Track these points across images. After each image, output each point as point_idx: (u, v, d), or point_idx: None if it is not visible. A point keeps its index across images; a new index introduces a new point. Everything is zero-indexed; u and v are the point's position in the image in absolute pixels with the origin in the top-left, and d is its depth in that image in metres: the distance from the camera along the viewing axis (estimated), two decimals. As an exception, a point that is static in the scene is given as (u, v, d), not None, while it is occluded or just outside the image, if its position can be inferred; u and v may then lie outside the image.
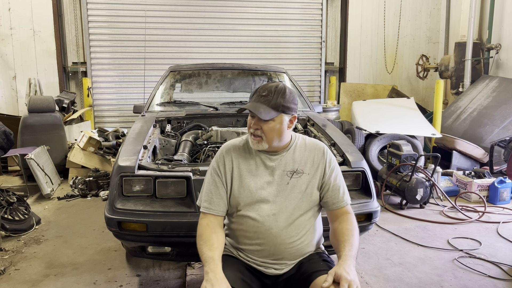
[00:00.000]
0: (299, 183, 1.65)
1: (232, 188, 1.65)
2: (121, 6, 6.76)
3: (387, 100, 6.35)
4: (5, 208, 3.41)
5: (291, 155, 1.67)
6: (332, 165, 1.71)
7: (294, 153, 1.68)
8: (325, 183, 1.68)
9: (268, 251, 1.64)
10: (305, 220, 1.66)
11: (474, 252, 3.06)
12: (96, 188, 4.55)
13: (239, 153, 1.68)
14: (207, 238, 1.56)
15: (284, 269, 1.66)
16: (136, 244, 2.35)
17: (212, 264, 1.47)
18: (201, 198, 1.68)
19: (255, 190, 1.63)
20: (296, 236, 1.64)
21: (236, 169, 1.66)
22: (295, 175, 1.65)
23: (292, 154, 1.67)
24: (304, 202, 1.65)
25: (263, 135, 1.58)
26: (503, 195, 4.24)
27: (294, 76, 4.87)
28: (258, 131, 1.59)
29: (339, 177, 1.72)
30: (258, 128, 1.58)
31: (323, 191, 1.68)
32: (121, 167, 2.33)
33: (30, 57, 6.61)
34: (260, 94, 1.59)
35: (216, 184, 1.65)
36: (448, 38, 7.47)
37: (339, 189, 1.68)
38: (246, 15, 7.16)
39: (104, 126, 6.12)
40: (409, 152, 4.24)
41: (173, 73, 4.26)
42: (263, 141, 1.60)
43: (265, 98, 1.57)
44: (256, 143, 1.60)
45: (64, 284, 2.61)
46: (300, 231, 1.65)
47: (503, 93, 5.63)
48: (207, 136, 3.16)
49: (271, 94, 1.57)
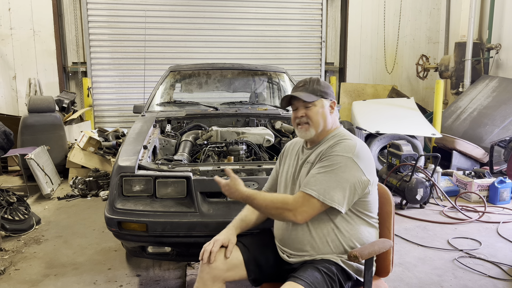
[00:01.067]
0: (304, 172, 1.67)
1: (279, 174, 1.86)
2: (121, 6, 6.76)
3: (387, 100, 6.35)
4: (5, 208, 3.41)
5: (318, 149, 1.68)
6: (326, 153, 1.58)
7: (320, 147, 1.68)
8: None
9: (280, 234, 1.72)
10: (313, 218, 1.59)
11: (474, 252, 3.07)
12: (96, 188, 4.55)
13: (294, 148, 1.84)
14: (246, 210, 1.83)
15: (291, 258, 1.67)
16: (136, 244, 2.35)
17: (232, 223, 1.78)
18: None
19: (286, 177, 1.78)
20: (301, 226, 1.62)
21: (285, 159, 1.86)
22: (306, 164, 1.68)
23: (319, 148, 1.68)
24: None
25: (309, 120, 1.67)
26: (503, 195, 4.24)
27: (294, 76, 4.87)
28: (304, 118, 1.67)
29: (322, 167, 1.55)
30: (303, 115, 1.67)
31: None
32: (121, 167, 2.33)
33: (30, 57, 6.61)
34: (297, 86, 1.73)
35: (275, 169, 1.92)
36: (448, 38, 7.47)
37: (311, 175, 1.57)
38: (246, 15, 7.16)
39: (104, 126, 6.12)
40: (409, 152, 4.24)
41: (173, 73, 4.26)
42: (310, 127, 1.67)
43: (302, 87, 1.70)
44: (304, 130, 1.68)
45: (64, 284, 2.61)
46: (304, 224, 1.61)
47: (503, 93, 5.63)
48: (207, 136, 3.16)
49: (307, 84, 1.71)
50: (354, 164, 1.54)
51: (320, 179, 1.54)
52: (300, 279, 1.48)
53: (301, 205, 1.53)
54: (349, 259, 1.51)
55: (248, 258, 1.68)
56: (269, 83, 4.54)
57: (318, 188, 1.52)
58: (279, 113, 3.62)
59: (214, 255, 1.62)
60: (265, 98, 4.39)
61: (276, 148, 3.23)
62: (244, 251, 1.69)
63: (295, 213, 1.54)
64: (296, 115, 1.70)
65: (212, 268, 1.62)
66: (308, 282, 1.46)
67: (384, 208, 1.73)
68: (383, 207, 1.73)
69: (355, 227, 1.62)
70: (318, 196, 1.52)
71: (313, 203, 1.53)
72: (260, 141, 3.08)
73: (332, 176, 1.53)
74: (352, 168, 1.54)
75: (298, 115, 1.68)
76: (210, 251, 1.63)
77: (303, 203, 1.53)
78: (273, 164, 2.55)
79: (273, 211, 1.58)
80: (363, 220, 1.64)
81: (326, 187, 1.52)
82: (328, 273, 1.53)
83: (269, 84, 4.54)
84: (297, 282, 1.47)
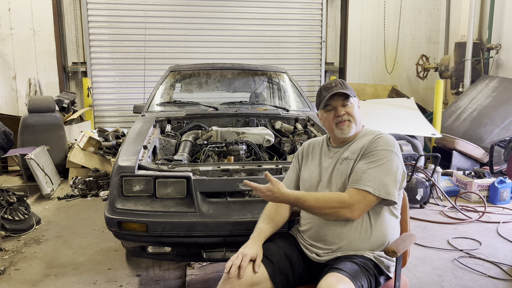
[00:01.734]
0: (345, 168, 1.69)
1: (301, 173, 1.86)
2: (121, 6, 6.76)
3: (387, 100, 6.34)
4: (5, 208, 3.41)
5: (350, 146, 1.75)
6: (370, 148, 1.65)
7: (354, 143, 1.75)
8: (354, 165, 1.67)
9: (314, 231, 1.72)
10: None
11: (474, 252, 3.07)
12: (96, 188, 4.55)
13: (315, 148, 1.87)
14: (267, 212, 1.78)
15: (323, 257, 1.66)
16: (136, 244, 2.35)
17: (256, 232, 1.70)
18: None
19: (314, 176, 1.78)
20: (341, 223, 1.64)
21: (305, 160, 1.86)
22: (344, 161, 1.71)
23: (351, 145, 1.75)
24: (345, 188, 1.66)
25: (351, 117, 1.73)
26: (503, 195, 4.24)
27: (294, 76, 4.87)
28: (345, 116, 1.72)
29: (371, 162, 1.62)
30: (345, 113, 1.72)
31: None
32: (121, 167, 2.33)
33: (30, 57, 6.61)
34: (330, 87, 1.75)
35: (293, 170, 1.91)
36: (448, 38, 7.47)
37: (357, 171, 1.63)
38: (246, 15, 7.15)
39: (104, 126, 6.12)
40: (409, 152, 4.24)
41: (173, 73, 4.26)
42: (351, 123, 1.73)
43: (336, 87, 1.73)
44: (347, 127, 1.72)
45: (64, 284, 2.61)
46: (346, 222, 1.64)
47: (503, 93, 5.63)
48: (207, 136, 3.16)
49: (339, 84, 1.75)
50: (396, 157, 1.64)
51: (373, 174, 1.60)
52: (342, 270, 1.50)
53: (358, 202, 1.58)
54: (388, 254, 1.56)
55: (273, 270, 1.64)
56: (269, 83, 4.54)
57: (373, 184, 1.58)
58: (279, 113, 3.62)
59: (243, 270, 1.56)
60: (265, 98, 4.39)
61: (276, 148, 3.23)
62: (268, 264, 1.65)
63: (352, 210, 1.58)
64: (336, 114, 1.73)
65: (236, 283, 1.56)
66: (351, 273, 1.49)
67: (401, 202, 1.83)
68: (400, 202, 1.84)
69: (385, 221, 1.68)
70: (374, 191, 1.58)
71: (369, 199, 1.59)
72: (260, 141, 3.08)
73: (383, 170, 1.60)
74: (397, 161, 1.64)
75: (340, 114, 1.72)
76: (239, 266, 1.57)
77: (360, 200, 1.58)
78: (273, 164, 2.55)
79: (327, 211, 1.60)
80: (392, 215, 1.71)
81: (380, 182, 1.59)
82: (365, 267, 1.57)
83: (269, 84, 4.54)
84: (340, 273, 1.48)
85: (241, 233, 2.21)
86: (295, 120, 3.55)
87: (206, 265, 2.79)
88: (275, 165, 2.51)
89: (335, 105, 1.73)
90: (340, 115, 1.72)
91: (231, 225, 2.20)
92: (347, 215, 1.58)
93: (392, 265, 1.69)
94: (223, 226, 2.20)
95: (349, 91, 1.73)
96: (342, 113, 1.72)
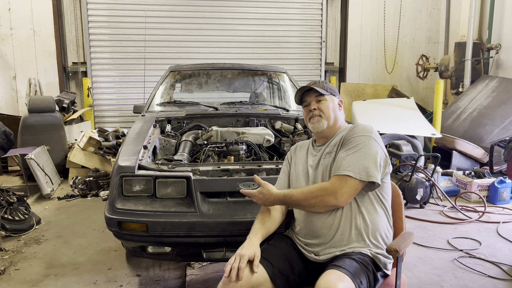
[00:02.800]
0: (327, 161, 1.73)
1: (290, 174, 1.90)
2: (121, 6, 6.76)
3: (387, 100, 6.34)
4: (5, 208, 3.41)
5: (331, 142, 1.79)
6: (348, 137, 1.69)
7: (333, 140, 1.79)
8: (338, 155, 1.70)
9: (307, 229, 1.74)
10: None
11: (474, 252, 3.07)
12: (96, 188, 4.55)
13: (301, 149, 1.92)
14: (262, 215, 1.78)
15: (321, 256, 1.67)
16: (136, 244, 2.35)
17: (253, 233, 1.69)
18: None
19: (301, 175, 1.82)
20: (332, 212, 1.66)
21: (294, 160, 1.91)
22: (327, 155, 1.75)
23: (332, 141, 1.79)
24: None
25: (321, 113, 1.78)
26: (503, 195, 4.24)
27: (294, 76, 4.87)
28: (316, 111, 1.78)
29: (350, 149, 1.65)
30: (316, 108, 1.79)
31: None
32: (121, 167, 2.33)
33: (30, 57, 6.61)
34: (309, 84, 1.83)
35: (284, 171, 1.94)
36: (448, 38, 7.47)
37: (337, 161, 1.66)
38: (246, 15, 7.16)
39: (104, 126, 6.12)
40: (409, 152, 4.24)
41: (173, 73, 4.26)
42: (322, 119, 1.78)
43: (314, 84, 1.82)
44: (317, 121, 1.78)
45: (64, 284, 2.61)
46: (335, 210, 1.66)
47: (503, 93, 5.63)
48: (207, 136, 3.16)
49: (318, 82, 1.84)
50: (375, 142, 1.67)
51: (352, 159, 1.62)
52: (341, 267, 1.50)
53: (340, 187, 1.59)
54: (390, 253, 1.57)
55: (273, 272, 1.63)
56: (269, 83, 4.54)
57: (353, 168, 1.60)
58: (279, 113, 3.62)
59: (242, 272, 1.54)
60: (265, 98, 4.39)
61: (276, 148, 3.23)
62: (267, 266, 1.64)
63: (336, 196, 1.59)
64: (308, 108, 1.81)
65: (237, 286, 1.54)
66: (350, 270, 1.50)
67: (395, 200, 1.87)
68: (395, 200, 1.86)
69: (375, 209, 1.70)
70: (355, 175, 1.59)
71: (351, 183, 1.60)
72: (260, 141, 3.08)
73: (361, 155, 1.63)
74: (375, 145, 1.66)
75: (310, 108, 1.80)
76: (238, 268, 1.54)
77: (341, 185, 1.59)
78: (273, 164, 2.55)
79: (313, 201, 1.62)
80: (381, 204, 1.72)
81: (359, 165, 1.61)
82: (364, 263, 1.59)
83: (269, 84, 4.55)
84: (339, 270, 1.48)
85: (241, 233, 2.20)
86: (295, 120, 3.55)
87: (206, 265, 2.79)
88: (275, 165, 2.51)
89: (310, 101, 1.81)
90: (311, 109, 1.79)
91: (231, 225, 2.20)
92: (332, 202, 1.60)
93: (388, 262, 1.69)
94: (223, 226, 2.20)
95: (325, 90, 1.79)
96: (313, 108, 1.79)
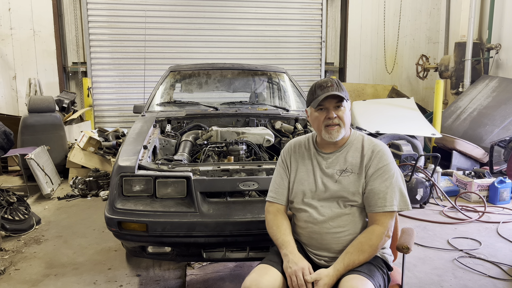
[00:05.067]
0: (345, 181, 1.67)
1: (290, 180, 1.78)
2: (121, 6, 6.76)
3: (387, 100, 6.34)
4: (5, 208, 3.41)
5: (344, 155, 1.71)
6: (379, 165, 1.64)
7: (348, 153, 1.71)
8: (367, 184, 1.65)
9: (316, 240, 1.70)
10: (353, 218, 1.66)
11: (474, 252, 3.07)
12: (96, 188, 4.55)
13: (301, 150, 1.80)
14: (279, 224, 1.72)
15: (332, 261, 1.66)
16: (136, 244, 2.35)
17: (290, 247, 1.63)
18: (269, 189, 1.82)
19: (307, 184, 1.72)
20: (343, 228, 1.66)
21: (295, 164, 1.78)
22: (344, 173, 1.68)
23: (345, 154, 1.71)
24: (349, 201, 1.66)
25: (341, 121, 1.66)
26: (503, 195, 4.24)
27: (294, 76, 4.86)
28: (336, 119, 1.66)
29: (387, 179, 1.62)
30: (336, 117, 1.66)
31: (365, 193, 1.66)
32: (121, 167, 2.33)
33: (30, 57, 6.61)
34: (326, 86, 1.66)
35: (281, 175, 1.80)
36: (448, 38, 7.47)
37: (378, 193, 1.61)
38: (246, 15, 7.15)
39: (104, 126, 6.12)
40: (409, 152, 4.24)
41: (173, 73, 4.26)
42: (341, 128, 1.67)
43: (331, 87, 1.65)
44: (336, 132, 1.66)
45: (64, 284, 2.61)
46: (346, 225, 1.66)
47: (503, 93, 5.63)
48: (207, 136, 3.16)
49: (335, 85, 1.66)
50: (395, 164, 1.69)
51: (392, 192, 1.62)
52: (361, 271, 1.53)
53: (390, 224, 1.62)
54: (400, 251, 1.63)
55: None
56: (269, 83, 4.54)
57: (396, 202, 1.62)
58: (279, 113, 3.62)
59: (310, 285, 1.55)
60: (265, 98, 4.39)
61: (276, 148, 3.23)
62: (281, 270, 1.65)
63: (389, 233, 1.62)
64: (327, 115, 1.66)
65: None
66: (369, 274, 1.54)
67: None
68: None
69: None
70: (400, 208, 1.63)
71: (395, 214, 1.65)
72: (260, 141, 3.08)
73: (396, 184, 1.64)
74: (397, 168, 1.68)
75: (331, 116, 1.65)
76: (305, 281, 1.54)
77: (390, 221, 1.62)
78: (273, 164, 2.55)
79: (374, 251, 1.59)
80: None
81: (399, 196, 1.63)
82: (378, 265, 1.63)
83: (269, 84, 4.54)
84: (360, 274, 1.51)
85: (241, 233, 2.21)
86: (295, 120, 3.55)
87: (206, 265, 2.79)
88: (275, 165, 2.51)
89: (328, 106, 1.66)
90: (332, 117, 1.65)
91: (231, 225, 2.20)
92: (387, 240, 1.64)
93: (390, 260, 1.73)
94: (223, 226, 2.20)
95: (344, 93, 1.67)
96: (334, 116, 1.65)
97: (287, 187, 1.79)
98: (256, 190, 2.37)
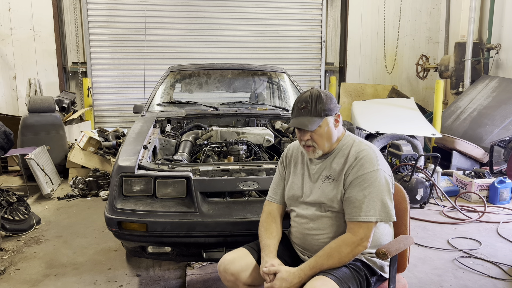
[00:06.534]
0: (326, 188, 1.67)
1: (285, 182, 1.84)
2: (121, 6, 6.76)
3: (387, 100, 6.35)
4: (5, 208, 3.41)
5: (330, 161, 1.70)
6: (358, 173, 1.59)
7: (334, 159, 1.69)
8: (345, 191, 1.63)
9: (300, 239, 1.76)
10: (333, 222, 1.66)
11: (474, 252, 3.07)
12: (96, 188, 4.55)
13: (297, 154, 1.84)
14: (267, 227, 1.78)
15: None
16: (136, 244, 2.35)
17: (267, 250, 1.68)
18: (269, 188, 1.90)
19: (296, 188, 1.77)
20: (323, 230, 1.67)
21: (290, 167, 1.83)
22: (327, 180, 1.68)
23: (332, 160, 1.70)
24: (328, 207, 1.66)
25: (314, 143, 1.66)
26: (503, 195, 4.24)
27: (294, 76, 4.87)
28: (309, 142, 1.67)
29: (365, 188, 1.58)
30: (309, 139, 1.66)
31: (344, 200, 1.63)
32: (121, 167, 2.33)
33: (30, 57, 6.61)
34: (299, 108, 1.66)
35: (280, 176, 1.87)
36: (448, 38, 7.47)
37: (354, 202, 1.58)
38: (246, 15, 7.15)
39: (104, 126, 6.12)
40: (409, 152, 4.24)
41: (173, 73, 4.26)
42: (316, 149, 1.68)
43: (304, 110, 1.64)
44: (311, 152, 1.69)
45: (64, 284, 2.61)
46: (326, 228, 1.67)
47: (503, 93, 5.63)
48: (207, 136, 3.16)
49: (309, 104, 1.63)
50: (382, 172, 1.61)
51: (370, 202, 1.57)
52: (329, 273, 1.51)
53: (365, 235, 1.56)
54: (378, 256, 1.56)
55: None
56: (269, 83, 4.54)
57: (374, 212, 1.57)
58: (279, 113, 3.63)
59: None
60: (265, 98, 4.39)
61: (276, 148, 3.23)
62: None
63: (364, 244, 1.57)
64: (301, 138, 1.68)
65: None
66: (338, 276, 1.51)
67: (400, 206, 1.79)
68: (399, 205, 1.79)
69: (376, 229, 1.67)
70: (376, 219, 1.57)
71: (372, 225, 1.58)
72: (260, 141, 3.08)
73: (377, 193, 1.58)
74: (384, 177, 1.61)
75: (304, 139, 1.66)
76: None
77: (365, 232, 1.57)
78: (273, 164, 2.55)
79: (347, 258, 1.57)
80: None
81: (378, 205, 1.57)
82: (355, 269, 1.60)
83: (269, 84, 4.55)
84: (327, 276, 1.50)
85: (241, 233, 2.21)
86: (295, 120, 3.55)
87: (206, 265, 2.79)
88: (275, 165, 2.51)
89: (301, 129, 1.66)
90: (304, 140, 1.66)
91: (231, 225, 2.20)
92: (361, 250, 1.58)
93: (386, 265, 1.69)
94: (223, 226, 2.20)
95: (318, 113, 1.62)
96: (306, 139, 1.66)
97: (283, 188, 1.85)
98: (256, 190, 2.37)
